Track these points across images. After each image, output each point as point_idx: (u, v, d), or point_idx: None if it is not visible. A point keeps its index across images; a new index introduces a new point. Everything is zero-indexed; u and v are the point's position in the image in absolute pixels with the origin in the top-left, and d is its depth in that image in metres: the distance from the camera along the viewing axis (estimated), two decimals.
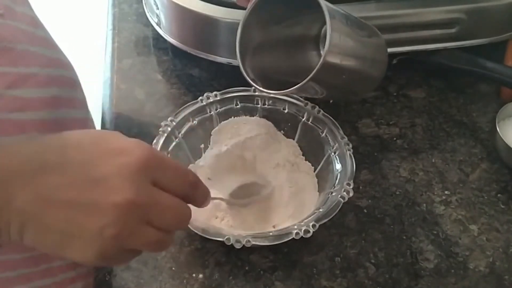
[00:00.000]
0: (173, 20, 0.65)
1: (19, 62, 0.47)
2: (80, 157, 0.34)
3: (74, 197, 0.32)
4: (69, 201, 0.32)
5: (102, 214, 0.32)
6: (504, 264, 0.52)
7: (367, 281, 0.50)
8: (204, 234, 0.45)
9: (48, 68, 0.50)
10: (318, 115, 0.56)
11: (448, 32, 0.65)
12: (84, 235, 0.33)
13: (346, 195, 0.48)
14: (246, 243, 0.44)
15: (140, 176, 0.34)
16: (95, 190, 0.33)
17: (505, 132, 0.59)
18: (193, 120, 0.56)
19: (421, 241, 0.53)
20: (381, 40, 0.55)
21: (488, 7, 0.64)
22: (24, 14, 0.50)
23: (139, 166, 0.34)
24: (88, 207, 0.32)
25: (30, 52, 0.48)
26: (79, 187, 0.33)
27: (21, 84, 0.46)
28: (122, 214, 0.33)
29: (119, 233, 0.33)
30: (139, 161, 0.34)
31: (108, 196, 0.32)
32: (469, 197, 0.57)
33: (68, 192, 0.32)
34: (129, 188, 0.33)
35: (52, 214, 0.32)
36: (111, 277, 0.49)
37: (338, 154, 0.53)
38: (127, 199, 0.33)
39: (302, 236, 0.45)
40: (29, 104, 0.47)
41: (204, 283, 0.49)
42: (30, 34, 0.49)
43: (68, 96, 0.54)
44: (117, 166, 0.33)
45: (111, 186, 0.33)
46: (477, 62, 0.65)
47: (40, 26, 0.53)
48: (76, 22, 1.82)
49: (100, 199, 0.32)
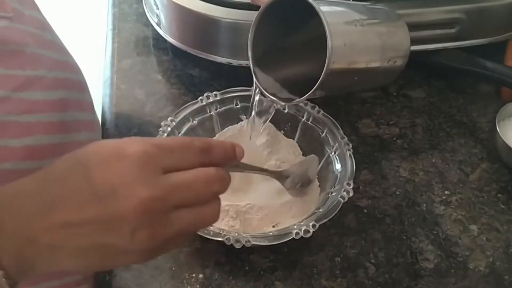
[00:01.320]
0: (173, 20, 0.65)
1: (27, 65, 0.47)
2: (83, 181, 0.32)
3: (93, 216, 0.32)
4: (90, 221, 0.32)
5: (125, 223, 0.31)
6: (504, 264, 0.52)
7: (367, 281, 0.50)
8: (204, 234, 0.45)
9: (56, 71, 0.50)
10: (318, 115, 0.56)
11: (448, 32, 0.65)
12: (119, 245, 0.32)
13: (346, 195, 0.48)
14: (246, 243, 0.44)
15: (146, 171, 0.32)
16: (108, 205, 0.32)
17: (505, 132, 0.59)
18: (193, 120, 0.56)
19: (421, 241, 0.53)
20: (399, 23, 0.52)
21: (488, 7, 0.64)
22: (32, 17, 0.50)
23: (141, 163, 0.32)
24: (108, 224, 0.32)
25: (38, 55, 0.49)
26: (93, 206, 0.32)
27: (29, 86, 0.47)
28: (144, 213, 0.32)
29: (151, 232, 0.32)
30: (138, 158, 0.32)
31: (123, 205, 0.31)
32: (469, 197, 0.57)
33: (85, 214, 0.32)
34: (141, 188, 0.32)
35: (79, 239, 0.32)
36: (111, 277, 0.49)
37: (338, 154, 0.53)
38: (143, 199, 0.31)
39: (302, 236, 0.45)
40: (37, 107, 0.47)
41: (204, 283, 0.49)
42: (38, 37, 0.50)
43: (76, 99, 0.54)
44: (119, 173, 0.32)
45: (121, 195, 0.32)
46: (477, 62, 0.65)
47: (48, 29, 0.53)
48: (76, 22, 1.82)
49: (117, 211, 0.31)
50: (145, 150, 0.33)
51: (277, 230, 0.46)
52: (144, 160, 0.33)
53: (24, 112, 0.46)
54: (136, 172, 0.32)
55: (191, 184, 0.34)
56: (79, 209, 0.32)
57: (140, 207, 0.31)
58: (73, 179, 0.33)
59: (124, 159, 0.32)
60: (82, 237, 0.32)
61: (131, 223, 0.31)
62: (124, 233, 0.32)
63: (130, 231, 0.31)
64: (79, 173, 0.33)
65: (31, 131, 0.47)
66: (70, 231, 0.32)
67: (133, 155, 0.32)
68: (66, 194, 0.32)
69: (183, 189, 0.33)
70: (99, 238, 0.32)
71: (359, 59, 0.48)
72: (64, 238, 0.32)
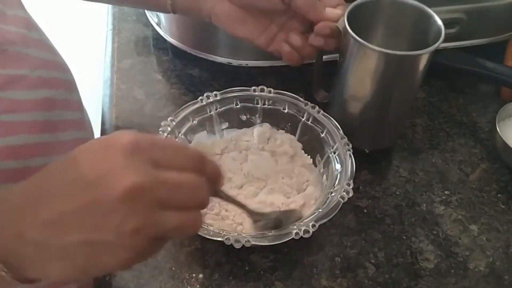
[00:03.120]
0: (173, 20, 0.65)
1: (9, 64, 0.47)
2: (73, 173, 0.32)
3: (79, 209, 0.31)
4: (77, 214, 0.31)
5: (111, 213, 0.30)
6: (504, 264, 0.52)
7: (367, 281, 0.50)
8: (204, 234, 0.45)
9: (40, 70, 0.50)
10: (318, 115, 0.56)
11: (448, 32, 0.65)
12: (106, 240, 0.31)
13: (346, 195, 0.48)
14: (246, 243, 0.44)
15: (135, 159, 0.31)
16: (94, 192, 0.31)
17: (505, 132, 0.59)
18: (193, 120, 0.56)
19: (421, 241, 0.53)
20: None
21: (488, 7, 0.64)
22: (16, 16, 0.50)
23: (130, 149, 0.31)
24: (98, 212, 0.31)
25: (22, 54, 0.48)
26: (81, 197, 0.31)
27: (11, 85, 0.46)
28: (130, 203, 0.30)
29: (138, 224, 0.31)
30: (128, 145, 0.31)
31: (109, 192, 0.30)
32: (469, 197, 0.57)
33: (72, 207, 0.31)
34: (128, 174, 0.30)
35: (65, 236, 0.31)
36: (111, 277, 0.49)
37: (338, 154, 0.53)
38: (130, 185, 0.30)
39: (301, 236, 0.45)
40: (20, 106, 0.47)
41: (204, 283, 0.49)
42: (22, 36, 0.49)
43: (62, 98, 0.53)
44: (107, 160, 0.31)
45: (108, 181, 0.31)
46: (477, 62, 0.65)
47: (34, 28, 0.52)
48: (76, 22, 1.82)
49: (103, 198, 0.30)
50: (136, 140, 0.32)
51: (277, 230, 0.46)
52: (134, 149, 0.32)
53: (6, 111, 0.46)
54: (125, 159, 0.31)
55: (180, 184, 0.33)
56: (66, 199, 0.31)
57: (127, 194, 0.30)
58: (61, 172, 0.33)
59: (113, 147, 0.32)
60: (67, 233, 0.31)
61: (117, 214, 0.30)
62: (110, 225, 0.31)
63: (117, 223, 0.31)
64: (67, 166, 0.32)
65: (13, 130, 0.46)
66: (56, 227, 0.31)
67: (123, 143, 0.32)
68: (53, 187, 0.32)
69: (171, 186, 0.32)
70: (85, 234, 0.31)
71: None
72: (50, 235, 0.32)
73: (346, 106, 0.57)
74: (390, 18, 0.55)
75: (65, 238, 0.32)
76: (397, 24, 0.56)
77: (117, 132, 0.33)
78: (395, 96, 0.55)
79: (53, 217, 0.31)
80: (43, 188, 0.33)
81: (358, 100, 0.56)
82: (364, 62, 0.52)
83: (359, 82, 0.54)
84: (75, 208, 0.31)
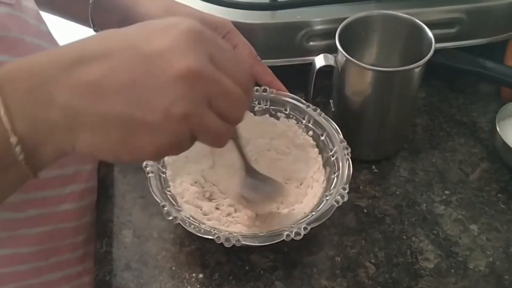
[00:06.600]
0: None
1: (26, 54, 0.47)
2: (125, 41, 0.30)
3: (128, 80, 0.29)
4: (124, 85, 0.29)
5: (163, 91, 0.29)
6: (504, 264, 0.52)
7: (367, 281, 0.50)
8: (195, 231, 0.45)
9: None
10: (319, 118, 0.55)
11: (448, 32, 0.65)
12: (149, 120, 0.29)
13: (341, 199, 0.47)
14: (236, 243, 0.44)
15: (197, 45, 0.30)
16: (153, 66, 0.29)
17: (505, 132, 0.59)
18: None
19: (421, 241, 0.53)
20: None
21: (488, 7, 0.64)
22: (29, 8, 0.50)
23: (194, 35, 0.30)
24: (148, 88, 0.29)
25: (36, 45, 0.49)
26: (132, 68, 0.29)
27: None
28: (185, 86, 0.29)
29: (188, 110, 0.29)
30: (193, 30, 0.30)
31: (169, 68, 0.29)
32: (469, 197, 0.57)
33: (119, 76, 0.29)
34: (189, 56, 0.29)
35: (105, 105, 0.29)
36: (111, 277, 0.50)
37: (336, 158, 0.52)
38: (189, 67, 0.29)
39: (292, 238, 0.44)
40: None
41: (204, 283, 0.49)
42: (35, 28, 0.50)
43: None
44: (170, 39, 0.30)
45: (168, 58, 0.29)
46: (477, 62, 0.65)
47: (43, 22, 0.53)
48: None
49: (158, 74, 0.29)
50: (201, 29, 0.31)
51: (269, 231, 0.46)
52: (198, 36, 0.30)
53: None
54: (187, 42, 0.30)
55: (230, 93, 0.31)
56: (112, 63, 0.29)
57: (184, 75, 0.29)
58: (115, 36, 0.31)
59: (177, 27, 0.30)
60: (106, 101, 0.29)
61: (170, 94, 0.29)
62: (159, 104, 0.29)
63: (167, 104, 0.29)
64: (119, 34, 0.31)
65: None
66: (94, 91, 0.29)
67: (188, 26, 0.30)
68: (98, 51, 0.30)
69: (222, 89, 0.31)
70: (127, 108, 0.29)
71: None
72: (85, 99, 0.29)
73: (346, 118, 0.58)
74: (383, 32, 0.58)
75: (102, 106, 0.29)
76: (390, 38, 0.58)
77: (180, 17, 0.32)
78: (392, 108, 0.57)
79: (92, 78, 0.29)
80: (86, 50, 0.30)
81: (356, 114, 0.57)
82: (358, 79, 0.54)
83: (355, 97, 0.56)
84: (122, 77, 0.29)
